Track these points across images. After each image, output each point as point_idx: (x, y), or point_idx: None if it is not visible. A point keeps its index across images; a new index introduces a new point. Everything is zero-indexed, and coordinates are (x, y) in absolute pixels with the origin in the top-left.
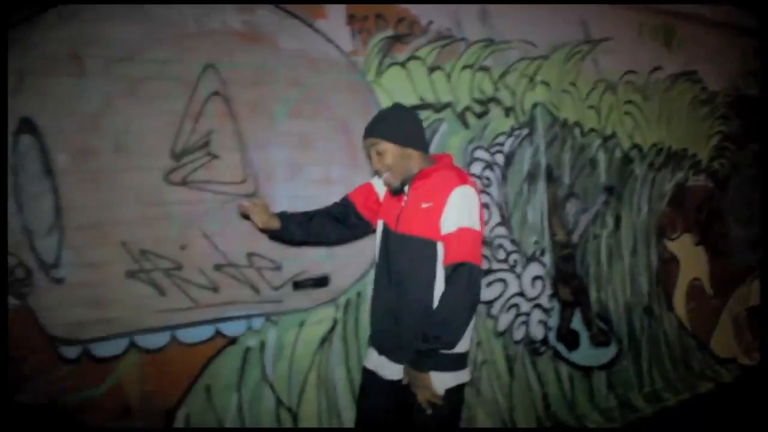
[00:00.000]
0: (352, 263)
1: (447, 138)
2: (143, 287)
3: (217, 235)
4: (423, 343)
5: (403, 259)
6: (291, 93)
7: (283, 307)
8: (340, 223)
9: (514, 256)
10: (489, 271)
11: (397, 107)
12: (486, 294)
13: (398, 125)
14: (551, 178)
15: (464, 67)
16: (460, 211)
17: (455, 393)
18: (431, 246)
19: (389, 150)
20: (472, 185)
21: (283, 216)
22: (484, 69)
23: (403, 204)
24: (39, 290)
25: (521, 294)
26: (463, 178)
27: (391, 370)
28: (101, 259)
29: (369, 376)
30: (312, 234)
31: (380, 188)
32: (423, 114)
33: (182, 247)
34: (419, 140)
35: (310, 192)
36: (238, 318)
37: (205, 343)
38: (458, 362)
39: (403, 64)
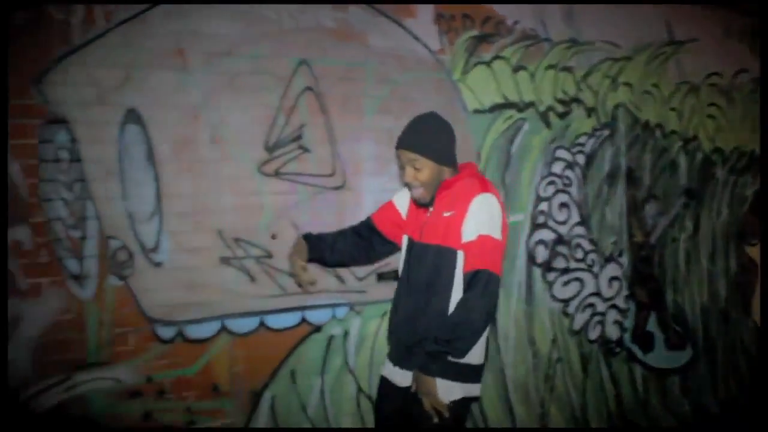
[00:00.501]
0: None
1: (529, 137)
2: (235, 273)
3: (306, 225)
4: (433, 345)
5: (423, 267)
6: (380, 90)
7: (366, 298)
8: (366, 243)
9: (591, 256)
10: (566, 270)
11: (436, 120)
12: (562, 292)
13: (440, 142)
14: (631, 179)
15: (548, 67)
16: (481, 218)
17: (461, 405)
18: (451, 254)
19: (428, 167)
20: (494, 193)
21: (309, 240)
22: (568, 69)
23: (427, 215)
24: (139, 272)
25: (597, 294)
26: (484, 186)
27: (402, 377)
28: (197, 245)
29: (383, 383)
30: (344, 255)
31: (402, 205)
32: (507, 113)
33: (273, 237)
34: (455, 157)
35: (396, 186)
36: (323, 306)
37: (291, 330)
38: (468, 374)
39: (488, 64)
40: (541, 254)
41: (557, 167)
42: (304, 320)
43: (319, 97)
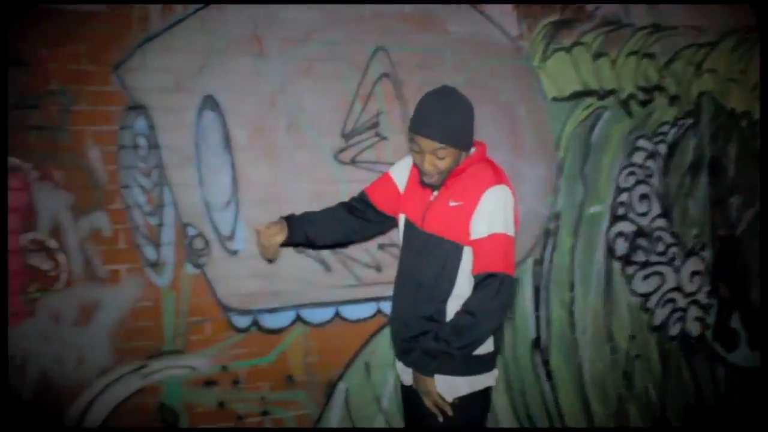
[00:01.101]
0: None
1: (610, 126)
2: (311, 263)
3: None
4: (432, 343)
5: (424, 259)
6: (457, 77)
7: None
8: (359, 218)
9: (673, 250)
10: (646, 264)
11: (458, 99)
12: (642, 287)
13: (464, 127)
14: (715, 170)
15: (630, 54)
16: (494, 214)
17: (472, 401)
18: (456, 249)
19: (450, 155)
20: (508, 184)
21: (290, 220)
22: (650, 56)
23: (431, 198)
24: (215, 261)
25: (679, 289)
26: (498, 175)
27: (408, 375)
28: None
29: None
30: (330, 230)
31: (400, 178)
32: (586, 101)
33: None
34: (472, 137)
35: None
36: None
37: (366, 321)
38: (474, 366)
39: (567, 50)
40: (621, 247)
41: (638, 157)
42: (379, 311)
43: (396, 84)
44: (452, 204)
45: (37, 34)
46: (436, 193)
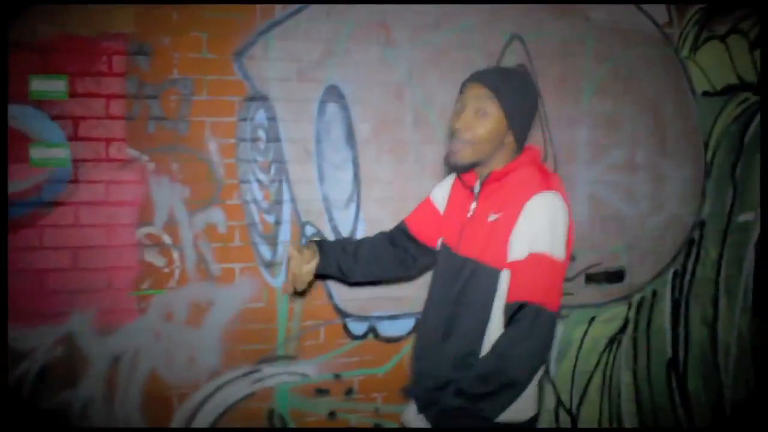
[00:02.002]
0: (651, 257)
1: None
2: None
3: None
4: (453, 399)
5: (454, 287)
6: (599, 69)
7: (574, 301)
8: (402, 251)
9: None
10: None
11: (529, 80)
12: None
13: (525, 102)
14: None
15: None
16: (538, 229)
17: None
18: (491, 275)
19: (494, 119)
20: (561, 192)
21: (323, 246)
22: None
23: (468, 214)
24: None
25: None
26: (547, 180)
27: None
28: None
29: None
30: (367, 265)
31: (440, 198)
32: (741, 96)
33: None
34: (527, 131)
35: (613, 177)
36: None
37: None
38: None
39: (722, 38)
40: None
41: None
42: None
43: (532, 76)
44: (491, 218)
45: (159, 22)
46: (474, 206)
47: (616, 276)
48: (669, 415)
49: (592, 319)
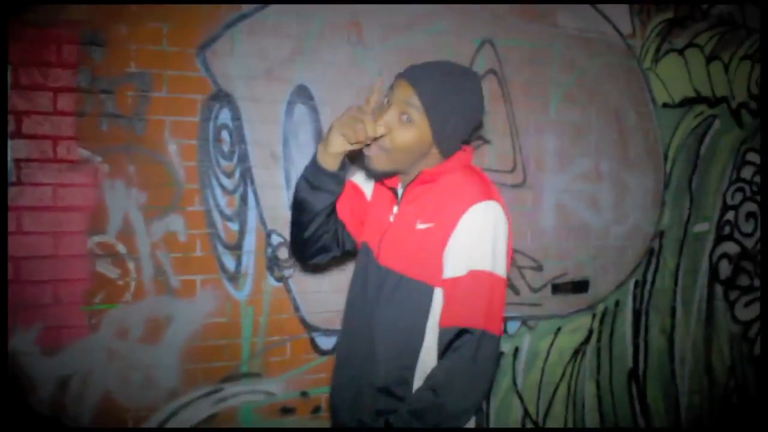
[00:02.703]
0: (614, 267)
1: (719, 137)
2: None
3: None
4: (378, 424)
5: (383, 307)
6: (566, 76)
7: (540, 312)
8: (334, 229)
9: None
10: (750, 289)
11: (473, 82)
12: (744, 314)
13: (460, 110)
14: None
15: (743, 58)
16: (477, 242)
17: None
18: (424, 294)
19: (418, 129)
20: (500, 201)
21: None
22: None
23: (390, 217)
24: (301, 273)
25: None
26: (486, 188)
27: None
28: None
29: None
30: (320, 218)
31: (366, 186)
32: (697, 108)
33: None
34: (457, 146)
35: (578, 186)
36: None
37: None
38: None
39: (680, 52)
40: (725, 270)
41: (747, 172)
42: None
43: (501, 82)
44: (420, 226)
45: (115, 10)
46: (396, 209)
47: (581, 286)
48: (630, 424)
49: (558, 329)
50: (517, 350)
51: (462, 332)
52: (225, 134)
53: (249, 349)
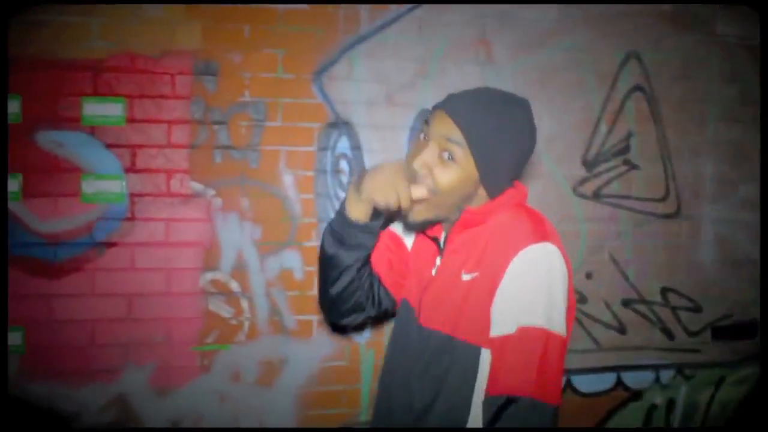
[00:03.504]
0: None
1: None
2: None
3: (629, 263)
4: None
5: (424, 371)
6: (726, 91)
7: (699, 359)
8: (370, 287)
9: None
10: None
11: (525, 114)
12: None
13: (510, 149)
14: None
15: None
16: (529, 294)
17: None
18: (469, 355)
19: (462, 168)
20: (557, 243)
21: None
22: None
23: (433, 270)
24: None
25: None
26: (539, 228)
27: None
28: None
29: None
30: (351, 272)
31: (405, 235)
32: None
33: (588, 275)
34: (508, 183)
35: (743, 215)
36: (644, 368)
37: (604, 395)
38: None
39: None
40: None
41: None
42: (619, 383)
43: (650, 99)
44: (465, 277)
45: (228, 38)
46: (439, 261)
47: (747, 330)
48: None
49: (721, 380)
50: (671, 403)
51: (509, 402)
52: (344, 164)
53: (368, 395)
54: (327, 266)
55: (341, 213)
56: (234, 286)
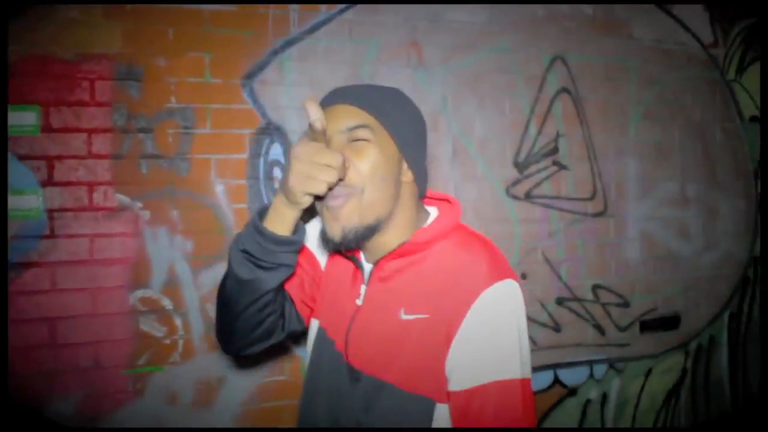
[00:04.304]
0: (706, 299)
1: None
2: None
3: (561, 262)
4: None
5: (354, 413)
6: (645, 93)
7: (629, 352)
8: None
9: None
10: None
11: (405, 98)
12: None
13: (411, 124)
14: None
15: None
16: (500, 344)
17: None
18: (420, 407)
19: (379, 142)
20: (515, 278)
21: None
22: None
23: (358, 300)
24: None
25: None
26: (497, 262)
27: None
28: None
29: None
30: (268, 296)
31: (317, 249)
32: None
33: (523, 276)
34: (424, 159)
35: (664, 212)
36: (579, 364)
37: (541, 393)
38: None
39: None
40: None
41: None
42: (556, 381)
43: (576, 101)
44: (406, 317)
45: (152, 41)
46: (365, 287)
47: (672, 322)
48: None
49: (649, 371)
50: (605, 396)
51: None
52: (278, 171)
53: None
54: (240, 293)
55: (257, 230)
56: (166, 303)
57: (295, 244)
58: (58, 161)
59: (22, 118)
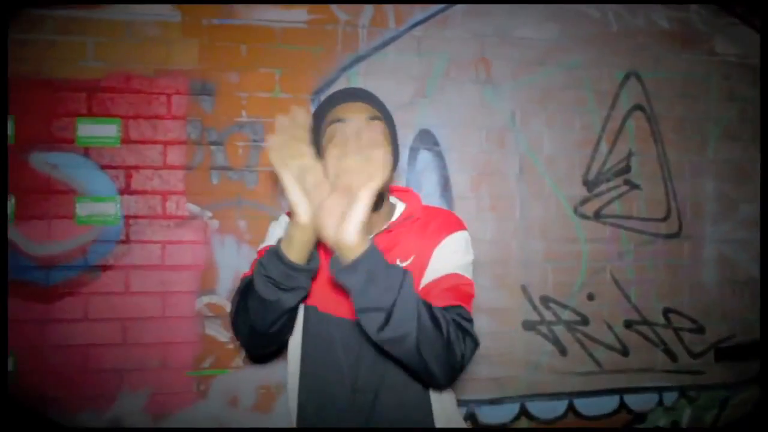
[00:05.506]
0: None
1: None
2: (541, 342)
3: (631, 283)
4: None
5: (364, 357)
6: (726, 109)
7: (702, 380)
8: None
9: None
10: None
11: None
12: None
13: (391, 116)
14: None
15: None
16: (462, 258)
17: None
18: None
19: (384, 135)
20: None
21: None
22: None
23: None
24: None
25: None
26: (460, 221)
27: None
28: (496, 304)
29: None
30: (288, 318)
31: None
32: None
33: (589, 297)
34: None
35: (743, 235)
36: (647, 390)
37: (607, 417)
38: None
39: None
40: None
41: None
42: (623, 406)
43: (650, 119)
44: (403, 264)
45: (225, 57)
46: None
47: (751, 351)
48: None
49: (725, 401)
50: (675, 424)
51: (457, 308)
52: None
53: None
54: (266, 311)
55: (279, 258)
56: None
57: (309, 271)
58: (136, 171)
59: (105, 130)
